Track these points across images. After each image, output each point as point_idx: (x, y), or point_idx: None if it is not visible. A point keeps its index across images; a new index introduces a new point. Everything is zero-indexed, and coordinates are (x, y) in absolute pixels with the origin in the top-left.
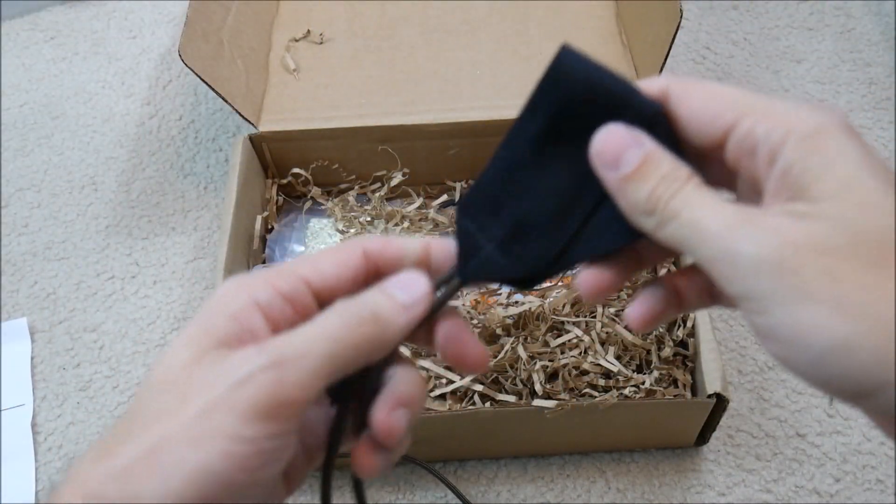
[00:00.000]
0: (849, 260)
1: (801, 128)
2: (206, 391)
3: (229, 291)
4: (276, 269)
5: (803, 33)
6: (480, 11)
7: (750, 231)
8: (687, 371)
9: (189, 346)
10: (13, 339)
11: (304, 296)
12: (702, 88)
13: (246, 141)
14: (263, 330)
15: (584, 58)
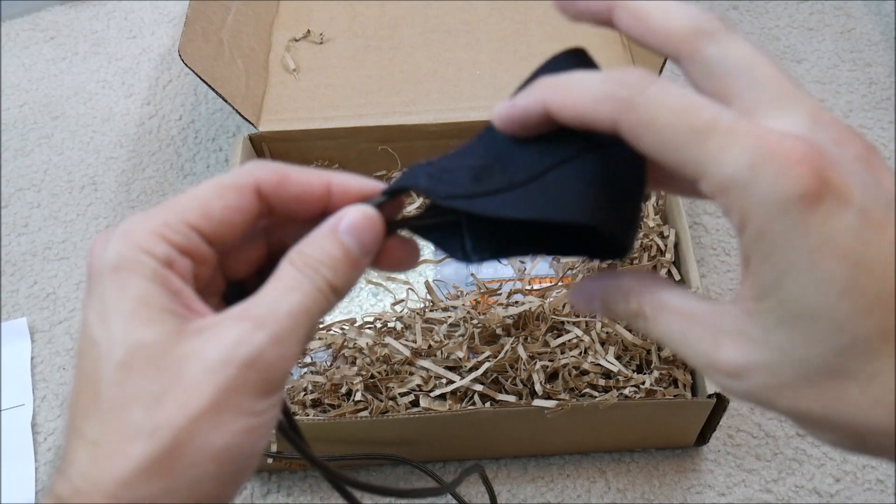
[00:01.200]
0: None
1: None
2: (210, 377)
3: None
4: (159, 218)
5: (803, 33)
6: (480, 11)
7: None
8: (687, 371)
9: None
10: (13, 339)
11: (199, 246)
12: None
13: (246, 141)
14: (184, 288)
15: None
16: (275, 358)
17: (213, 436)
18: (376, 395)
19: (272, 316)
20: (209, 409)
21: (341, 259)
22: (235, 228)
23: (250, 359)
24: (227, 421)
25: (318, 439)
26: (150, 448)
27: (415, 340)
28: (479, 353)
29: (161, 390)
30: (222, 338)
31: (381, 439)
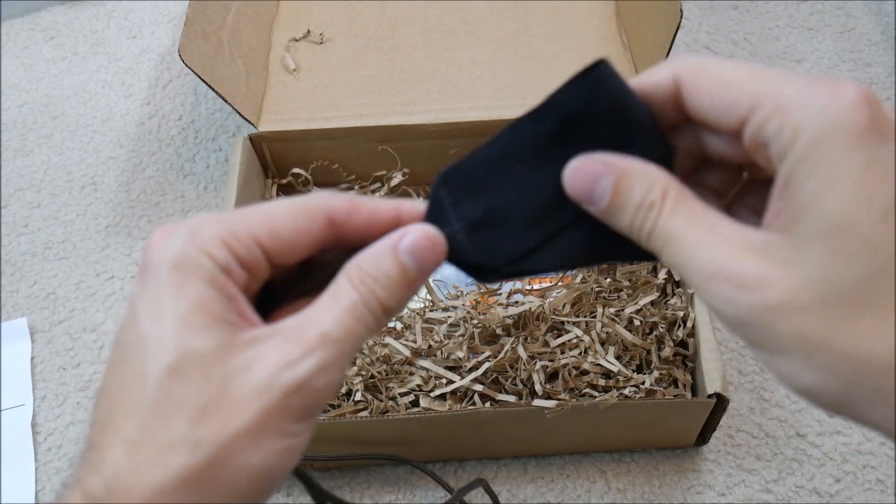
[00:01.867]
0: (819, 318)
1: (809, 130)
2: (256, 397)
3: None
4: (226, 225)
5: (803, 33)
6: (480, 11)
7: (725, 289)
8: (687, 371)
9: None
10: (13, 339)
11: (259, 261)
12: (712, 75)
13: (246, 141)
14: (239, 295)
15: (619, 77)
16: (320, 385)
17: (252, 455)
18: (376, 395)
19: (322, 342)
20: (251, 429)
21: (398, 279)
22: (300, 250)
23: (296, 385)
24: (267, 441)
25: (319, 439)
26: (190, 461)
27: (415, 340)
28: (479, 353)
29: (207, 403)
30: (271, 358)
31: (381, 439)
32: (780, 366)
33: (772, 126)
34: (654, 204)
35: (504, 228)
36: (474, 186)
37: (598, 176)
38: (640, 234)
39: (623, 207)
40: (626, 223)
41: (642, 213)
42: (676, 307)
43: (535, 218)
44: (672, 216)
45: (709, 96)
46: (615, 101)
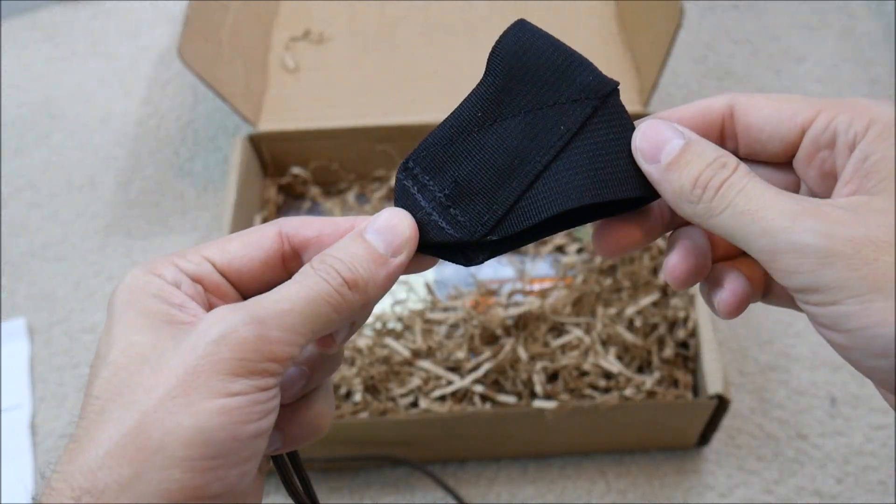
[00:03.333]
0: None
1: (882, 118)
2: (183, 356)
3: (139, 277)
4: (178, 251)
5: (804, 33)
6: (480, 11)
7: (818, 222)
8: (688, 372)
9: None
10: (12, 339)
11: (211, 274)
12: (768, 97)
13: (245, 140)
14: (191, 303)
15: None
16: (250, 335)
17: (181, 417)
18: (376, 396)
19: (257, 300)
20: (177, 388)
21: (363, 255)
22: (253, 262)
23: (220, 335)
24: (197, 401)
25: (318, 440)
26: (115, 432)
27: (414, 341)
28: (479, 353)
29: (140, 381)
30: (199, 326)
31: (381, 440)
32: (877, 310)
33: (841, 120)
34: (728, 164)
35: (475, 196)
36: (436, 165)
37: (671, 136)
38: (707, 187)
39: (692, 162)
40: (692, 176)
41: (713, 168)
42: (677, 307)
43: (502, 175)
44: (748, 174)
45: (768, 110)
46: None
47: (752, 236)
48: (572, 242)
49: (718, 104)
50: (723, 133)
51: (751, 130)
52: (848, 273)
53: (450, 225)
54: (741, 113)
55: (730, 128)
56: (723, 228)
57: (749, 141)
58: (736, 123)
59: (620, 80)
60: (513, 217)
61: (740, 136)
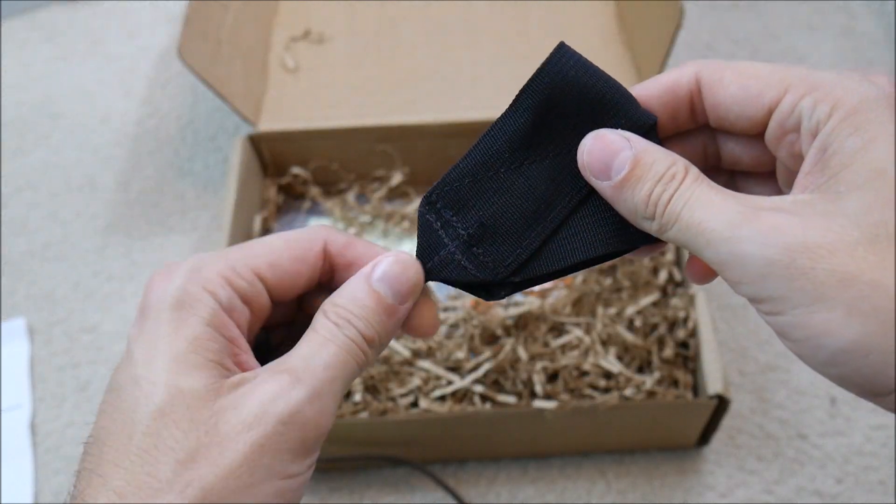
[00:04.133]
0: (864, 259)
1: (845, 103)
2: (245, 435)
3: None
4: (229, 261)
5: (805, 32)
6: (480, 11)
7: (756, 231)
8: (688, 372)
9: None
10: (11, 339)
11: (262, 296)
12: (736, 70)
13: (245, 140)
14: (239, 336)
15: (581, 59)
16: (313, 414)
17: (243, 497)
18: (376, 395)
19: (309, 369)
20: (241, 467)
21: (374, 308)
22: (299, 281)
23: (287, 415)
24: (259, 482)
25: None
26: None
27: (414, 341)
28: (478, 353)
29: (195, 445)
30: (258, 392)
31: (381, 440)
32: (818, 321)
33: (806, 103)
34: (677, 175)
35: (500, 238)
36: (460, 202)
37: (618, 149)
38: (658, 204)
39: (642, 178)
40: (643, 194)
41: (663, 183)
42: (677, 307)
43: (528, 220)
44: (695, 184)
45: (733, 88)
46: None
47: (699, 248)
48: None
49: (685, 79)
50: (693, 107)
51: (718, 109)
52: (786, 283)
53: (473, 264)
54: (708, 91)
55: (698, 103)
56: (676, 241)
57: (717, 117)
58: (704, 100)
59: (620, 80)
60: (537, 262)
61: (709, 112)
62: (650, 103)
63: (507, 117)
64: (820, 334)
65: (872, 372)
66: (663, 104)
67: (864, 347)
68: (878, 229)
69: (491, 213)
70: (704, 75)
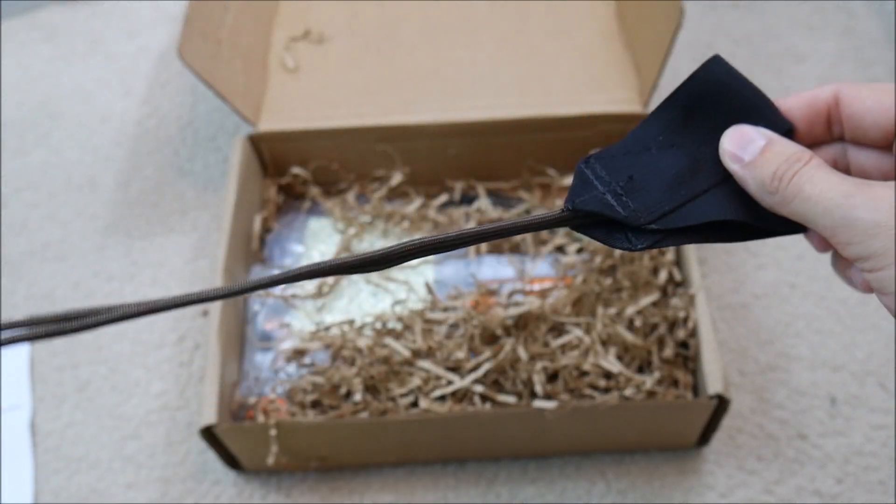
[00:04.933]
0: None
1: None
2: None
3: None
4: None
5: (805, 32)
6: (480, 11)
7: (866, 199)
8: (688, 372)
9: None
10: None
11: None
12: (871, 88)
13: (245, 140)
14: None
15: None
16: None
17: None
18: (376, 395)
19: None
20: None
21: None
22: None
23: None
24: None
25: (318, 440)
26: None
27: (414, 341)
28: (479, 353)
29: None
30: None
31: (381, 440)
32: None
33: None
34: (802, 158)
35: (646, 191)
36: (614, 166)
37: (754, 137)
38: (783, 178)
39: (771, 159)
40: (770, 171)
41: (789, 162)
42: (677, 307)
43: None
44: (819, 165)
45: (870, 101)
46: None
47: (816, 217)
48: (572, 242)
49: (825, 94)
50: (829, 120)
51: (853, 119)
52: (890, 241)
53: (620, 205)
54: (846, 102)
55: (835, 115)
56: (795, 214)
57: (853, 127)
58: (841, 111)
59: (620, 81)
60: (678, 214)
61: (845, 122)
62: (791, 113)
63: (661, 110)
64: None
65: None
66: (802, 115)
67: None
68: None
69: (640, 173)
70: (844, 91)
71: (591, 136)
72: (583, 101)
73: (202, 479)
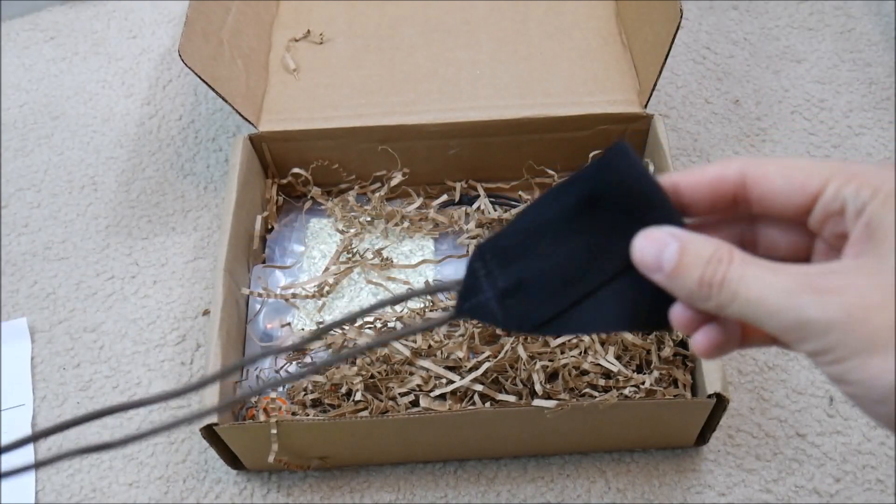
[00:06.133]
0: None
1: (885, 187)
2: None
3: None
4: None
5: (803, 33)
6: (480, 11)
7: (814, 297)
8: (687, 371)
9: None
10: (13, 339)
11: None
12: (778, 165)
13: (246, 141)
14: None
15: (634, 160)
16: None
17: None
18: (376, 395)
19: None
20: None
21: None
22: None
23: None
24: None
25: (319, 439)
26: None
27: (415, 340)
28: (478, 352)
29: None
30: None
31: (381, 439)
32: (873, 365)
33: (849, 189)
34: (723, 258)
35: (531, 296)
36: (507, 258)
37: (665, 242)
38: (711, 285)
39: (692, 264)
40: (695, 278)
41: (712, 265)
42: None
43: (560, 285)
44: (743, 262)
45: (779, 181)
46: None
47: (762, 319)
48: None
49: (731, 175)
50: (735, 200)
51: (763, 201)
52: (845, 337)
53: (503, 313)
54: (752, 184)
55: (741, 195)
56: (736, 316)
57: (762, 208)
58: (749, 193)
59: (620, 81)
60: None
61: (753, 203)
62: (695, 191)
63: (560, 192)
64: (874, 377)
65: None
66: (707, 193)
67: None
68: None
69: (530, 272)
70: (749, 171)
71: (590, 137)
72: (582, 101)
73: (203, 478)
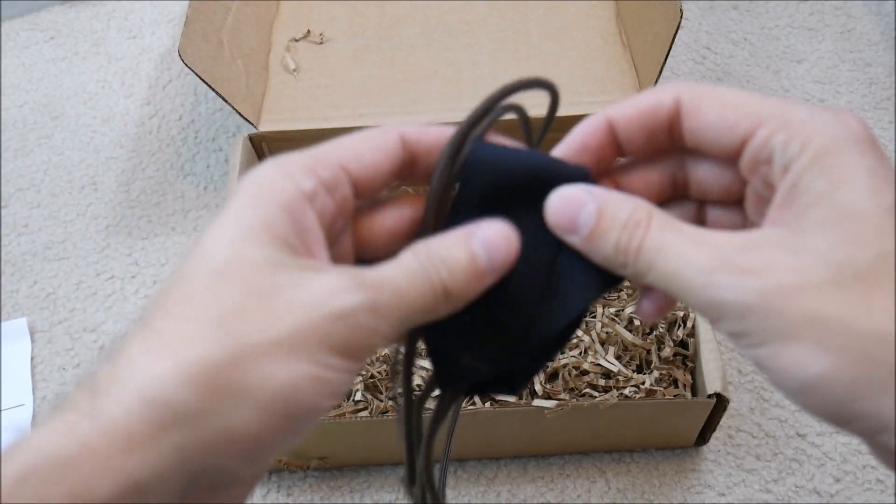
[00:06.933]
0: (831, 297)
1: (816, 142)
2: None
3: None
4: (312, 154)
5: (803, 33)
6: (480, 11)
7: (730, 278)
8: (687, 371)
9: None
10: (13, 339)
11: (344, 186)
12: (715, 98)
13: (246, 141)
14: (315, 227)
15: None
16: (365, 323)
17: (278, 368)
18: (376, 395)
19: (378, 285)
20: (284, 342)
21: (465, 265)
22: (382, 171)
23: (341, 313)
24: (297, 361)
25: (318, 439)
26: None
27: None
28: None
29: (244, 307)
30: (323, 283)
31: (381, 439)
32: (790, 355)
33: (778, 139)
34: (641, 222)
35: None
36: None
37: (582, 202)
38: (627, 252)
39: (609, 228)
40: (612, 243)
41: (629, 230)
42: (677, 307)
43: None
44: (662, 229)
45: (712, 116)
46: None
47: (678, 293)
48: None
49: (666, 103)
50: (672, 133)
51: (695, 134)
52: (761, 322)
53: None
54: (686, 115)
55: (677, 126)
56: (654, 286)
57: (695, 142)
58: (682, 123)
59: (620, 81)
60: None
61: (686, 135)
62: (630, 125)
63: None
64: (791, 367)
65: (836, 402)
66: (641, 125)
67: (830, 380)
68: (844, 269)
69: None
70: (685, 100)
71: None
72: (582, 101)
73: None
